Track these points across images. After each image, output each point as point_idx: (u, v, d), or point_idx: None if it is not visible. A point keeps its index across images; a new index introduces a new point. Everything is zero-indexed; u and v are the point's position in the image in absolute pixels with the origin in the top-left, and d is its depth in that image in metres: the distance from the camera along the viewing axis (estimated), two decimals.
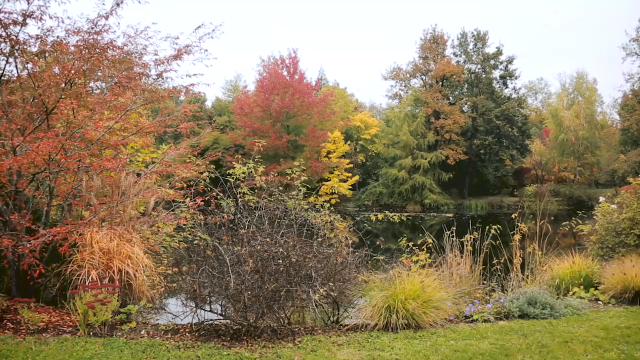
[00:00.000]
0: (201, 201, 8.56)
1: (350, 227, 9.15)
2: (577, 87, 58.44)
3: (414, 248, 9.02)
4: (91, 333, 6.14)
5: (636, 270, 8.48)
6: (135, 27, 8.81)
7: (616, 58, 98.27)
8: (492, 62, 55.40)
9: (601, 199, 11.93)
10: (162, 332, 6.39)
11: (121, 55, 8.65)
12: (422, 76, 56.44)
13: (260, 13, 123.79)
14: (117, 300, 6.65)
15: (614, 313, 7.67)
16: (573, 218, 11.57)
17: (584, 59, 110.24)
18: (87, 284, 6.58)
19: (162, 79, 9.36)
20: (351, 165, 48.53)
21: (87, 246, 7.14)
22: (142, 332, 6.36)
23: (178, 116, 10.33)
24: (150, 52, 8.99)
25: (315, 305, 6.85)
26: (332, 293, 6.86)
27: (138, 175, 8.83)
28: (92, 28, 8.15)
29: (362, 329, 6.76)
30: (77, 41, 8.04)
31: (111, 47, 8.26)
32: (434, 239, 9.31)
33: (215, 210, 7.88)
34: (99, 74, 8.64)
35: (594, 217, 11.61)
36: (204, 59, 9.32)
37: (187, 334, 6.38)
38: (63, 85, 7.73)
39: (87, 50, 7.77)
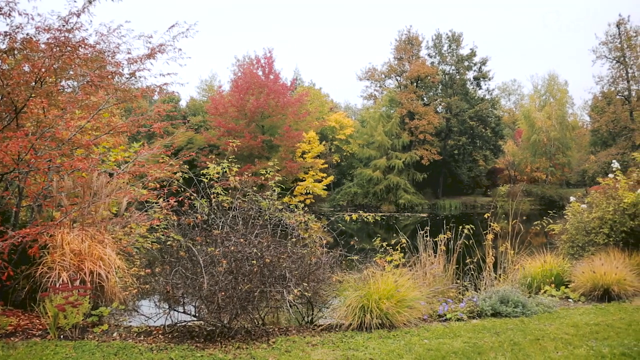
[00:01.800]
0: (175, 202, 8.49)
1: (325, 227, 9.16)
2: (549, 89, 59.42)
3: (388, 248, 9.07)
4: (62, 336, 6.04)
5: (605, 269, 8.65)
6: (108, 25, 8.70)
7: (587, 61, 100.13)
8: (466, 63, 55.98)
9: (572, 198, 12.12)
10: (135, 335, 6.31)
11: (93, 54, 8.53)
12: (397, 77, 56.76)
13: (235, 13, 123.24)
14: (89, 303, 6.56)
15: (583, 310, 7.81)
16: (544, 218, 11.74)
17: (556, 61, 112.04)
18: (57, 286, 6.48)
19: (135, 78, 9.26)
20: (326, 166, 48.58)
21: (58, 248, 7.02)
22: (115, 334, 6.27)
23: (151, 116, 10.22)
24: (123, 51, 8.89)
25: (290, 305, 6.83)
26: (306, 293, 6.86)
27: (110, 175, 8.72)
28: (64, 26, 8.03)
29: (337, 329, 6.77)
30: (47, 39, 7.90)
31: (83, 46, 8.14)
32: (407, 239, 9.37)
33: (189, 210, 7.82)
34: (71, 72, 8.51)
35: (565, 216, 11.79)
36: (177, 58, 9.24)
37: (160, 335, 6.32)
38: (33, 83, 7.59)
39: (58, 48, 7.64)
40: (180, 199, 8.47)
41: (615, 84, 49.53)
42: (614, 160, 12.43)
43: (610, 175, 11.65)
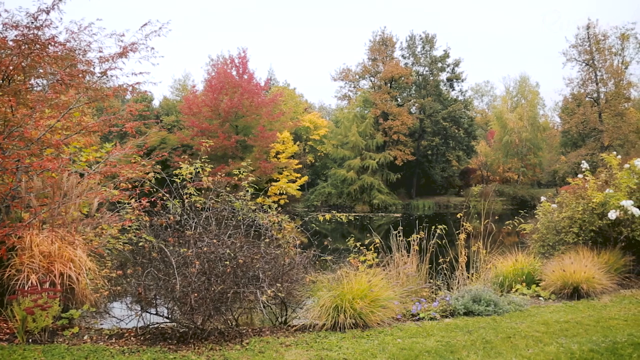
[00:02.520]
0: (147, 202, 8.40)
1: (299, 228, 9.15)
2: (521, 91, 60.30)
3: (361, 248, 9.09)
4: (30, 340, 5.93)
5: (574, 267, 8.80)
6: (79, 23, 8.56)
7: (558, 63, 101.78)
8: (439, 64, 56.54)
9: (542, 198, 12.29)
10: (106, 337, 6.23)
11: (63, 52, 8.39)
12: (371, 77, 57.03)
13: (210, 12, 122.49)
14: (59, 305, 6.44)
15: (553, 308, 7.93)
16: (516, 217, 11.89)
17: (528, 63, 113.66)
18: (26, 289, 6.35)
19: (107, 76, 9.13)
20: (300, 166, 48.60)
21: (27, 249, 6.88)
22: (85, 337, 6.18)
23: (123, 115, 10.09)
24: (94, 49, 8.76)
25: (263, 306, 6.81)
26: (279, 294, 6.84)
27: (81, 175, 8.58)
28: (32, 23, 7.88)
29: (310, 329, 6.77)
30: (15, 36, 7.75)
31: (53, 43, 8.00)
32: (381, 239, 9.41)
33: (161, 211, 7.74)
34: (40, 70, 8.37)
35: (536, 216, 11.95)
36: (150, 57, 9.14)
37: (132, 338, 6.24)
38: (0, 81, 7.44)
39: (26, 46, 7.50)
40: (152, 199, 8.37)
41: (584, 86, 50.49)
42: (583, 161, 12.65)
43: (580, 176, 11.85)
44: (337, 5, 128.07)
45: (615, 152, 12.44)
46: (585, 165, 11.98)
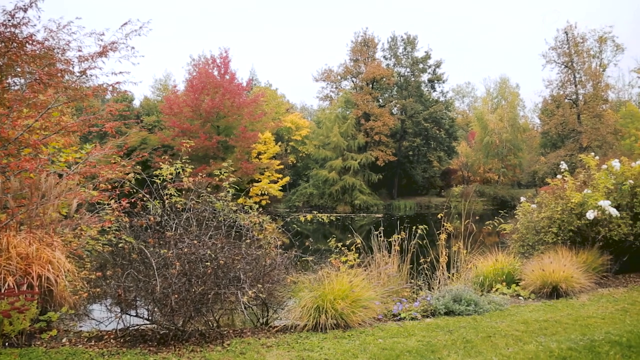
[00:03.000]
0: (127, 203, 8.32)
1: (280, 228, 9.14)
2: (501, 92, 60.83)
3: (343, 248, 9.10)
4: (7, 344, 5.84)
5: (553, 267, 8.89)
6: (58, 22, 8.47)
7: (537, 65, 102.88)
8: (420, 65, 56.84)
9: (522, 199, 12.41)
10: (85, 340, 6.16)
11: (42, 51, 8.29)
12: (353, 78, 57.17)
13: (191, 11, 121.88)
14: (37, 308, 6.36)
15: (533, 307, 8.00)
16: (496, 217, 11.98)
17: (508, 64, 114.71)
18: (2, 291, 6.26)
19: (87, 76, 9.05)
20: (282, 167, 48.54)
21: (4, 251, 6.78)
22: (64, 340, 6.11)
23: (103, 115, 10.00)
24: (73, 48, 8.67)
25: (244, 307, 6.79)
26: (261, 295, 6.82)
27: (60, 176, 8.48)
28: (9, 20, 7.77)
29: (292, 330, 6.76)
30: None
31: (31, 42, 7.91)
32: (362, 239, 9.42)
33: (142, 212, 7.67)
34: (18, 69, 8.25)
35: (516, 216, 12.06)
36: (130, 56, 9.08)
37: (111, 340, 6.18)
38: None
39: (3, 44, 7.40)
40: (132, 200, 8.30)
41: (563, 88, 51.15)
42: (562, 162, 12.80)
43: (559, 176, 11.98)
44: (318, 6, 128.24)
45: (593, 153, 12.61)
46: (564, 166, 12.12)
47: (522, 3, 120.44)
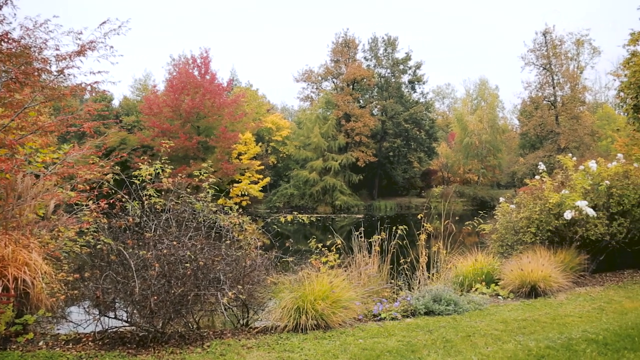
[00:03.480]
0: (105, 204, 8.23)
1: (261, 229, 9.11)
2: (480, 93, 61.36)
3: (323, 249, 9.11)
4: None
5: (532, 266, 8.99)
6: (35, 20, 8.34)
7: (516, 66, 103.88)
8: (401, 67, 57.06)
9: (501, 199, 12.53)
10: (63, 343, 6.09)
11: (18, 49, 8.15)
12: (334, 79, 57.21)
13: (171, 11, 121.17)
14: (12, 311, 6.27)
15: (512, 307, 8.09)
16: (476, 218, 12.07)
17: (488, 66, 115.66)
18: None
19: (64, 75, 8.92)
20: (262, 167, 48.41)
21: None
22: (41, 343, 6.03)
23: (81, 115, 9.88)
24: (51, 47, 8.54)
25: (225, 308, 6.76)
26: (241, 296, 6.79)
27: (37, 176, 8.36)
28: None
29: (272, 331, 6.75)
30: None
31: (6, 40, 7.78)
32: (343, 240, 9.44)
33: (120, 213, 7.59)
34: None
35: (495, 216, 12.17)
36: (109, 55, 8.97)
37: (90, 343, 6.12)
38: None
39: None
40: (111, 201, 8.21)
41: (542, 90, 51.70)
42: (540, 163, 12.94)
43: (537, 177, 12.12)
44: (299, 6, 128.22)
45: (571, 154, 12.77)
46: (542, 166, 12.26)
47: (503, 5, 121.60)
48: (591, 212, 9.84)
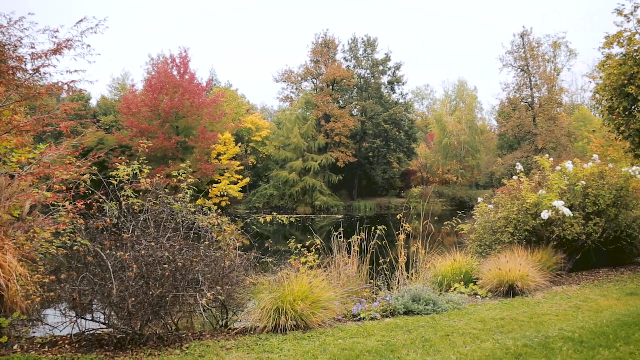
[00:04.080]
0: (82, 205, 8.13)
1: (240, 230, 9.07)
2: (459, 95, 61.81)
3: (303, 250, 9.10)
4: None
5: (510, 266, 9.07)
6: (9, 17, 8.24)
7: (495, 68, 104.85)
8: (381, 68, 57.24)
9: (480, 199, 12.63)
10: (39, 346, 6.00)
11: None
12: (314, 80, 57.21)
13: (150, 11, 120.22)
14: None
15: (490, 306, 8.15)
16: (454, 218, 12.15)
17: (467, 67, 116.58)
18: None
19: (40, 74, 8.83)
20: (242, 168, 48.22)
21: None
22: (15, 347, 5.93)
23: (58, 114, 9.76)
24: (26, 45, 8.45)
25: (204, 310, 6.72)
26: (220, 297, 6.75)
27: (12, 177, 8.23)
28: None
29: (252, 332, 6.72)
30: None
31: None
32: (322, 240, 9.43)
33: (98, 214, 7.50)
34: None
35: (474, 216, 12.26)
36: (86, 54, 8.89)
37: (66, 346, 6.04)
38: None
39: None
40: (88, 202, 8.11)
41: (520, 91, 52.29)
42: (518, 163, 13.08)
43: (515, 178, 12.24)
44: (279, 7, 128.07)
45: (548, 155, 12.93)
46: (520, 167, 12.39)
47: (481, 6, 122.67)
48: (568, 212, 9.97)
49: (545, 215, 10.00)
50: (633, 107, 14.90)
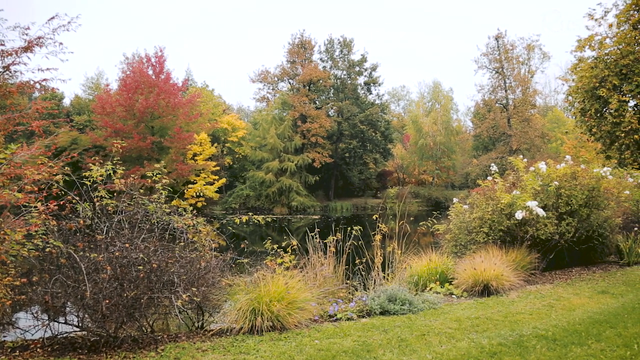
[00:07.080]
0: (55, 206, 7.99)
1: (216, 231, 9.01)
2: (435, 96, 62.28)
3: (279, 250, 9.08)
4: None
5: (484, 266, 9.16)
6: None
7: (470, 70, 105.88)
8: (357, 68, 57.44)
9: (455, 200, 12.73)
10: (9, 350, 5.89)
11: None
12: (290, 80, 57.22)
13: (124, 10, 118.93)
14: None
15: (465, 305, 8.22)
16: (430, 218, 12.23)
17: (442, 69, 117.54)
18: None
19: (10, 72, 8.66)
20: (218, 168, 47.97)
21: None
22: None
23: (30, 113, 9.59)
24: None
25: (179, 311, 6.66)
26: (195, 298, 6.70)
27: None
28: None
29: (228, 333, 6.69)
30: None
31: None
32: (298, 241, 9.42)
33: (71, 215, 7.39)
34: None
35: (449, 217, 12.35)
36: (59, 52, 8.77)
37: (38, 349, 5.93)
38: None
39: None
40: (61, 202, 7.98)
41: (494, 93, 52.96)
42: (492, 164, 13.21)
43: (490, 178, 12.37)
44: (256, 7, 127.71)
45: (522, 156, 13.09)
46: (494, 168, 12.52)
47: (458, 7, 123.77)
48: (541, 212, 10.10)
49: (519, 215, 10.12)
50: (604, 109, 15.21)
